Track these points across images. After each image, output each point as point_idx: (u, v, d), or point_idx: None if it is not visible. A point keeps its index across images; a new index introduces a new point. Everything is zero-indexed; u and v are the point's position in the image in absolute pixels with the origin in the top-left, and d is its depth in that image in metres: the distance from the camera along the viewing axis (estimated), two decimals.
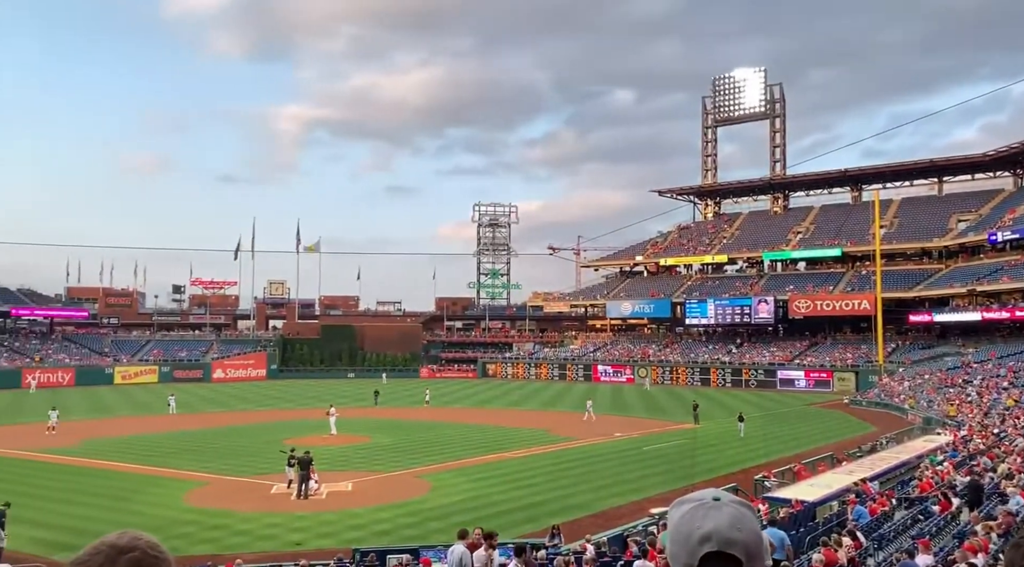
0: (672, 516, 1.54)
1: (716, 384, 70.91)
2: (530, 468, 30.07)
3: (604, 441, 37.16)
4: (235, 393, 64.90)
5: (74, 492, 25.43)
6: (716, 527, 1.44)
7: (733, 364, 73.16)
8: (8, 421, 44.27)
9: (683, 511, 1.52)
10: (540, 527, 20.35)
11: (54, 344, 79.10)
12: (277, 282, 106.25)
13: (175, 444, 36.03)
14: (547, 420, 45.14)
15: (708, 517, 1.46)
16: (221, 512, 22.80)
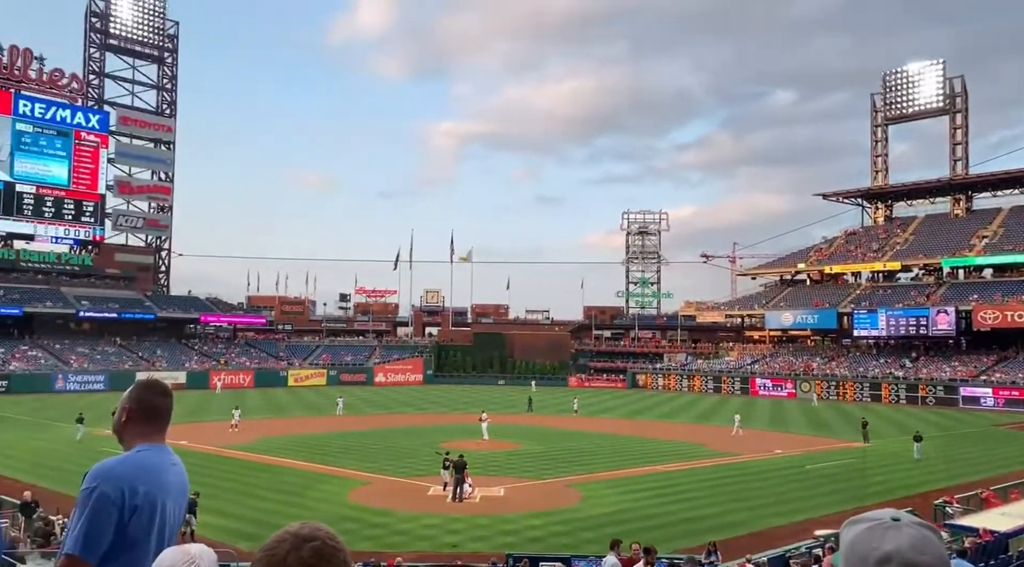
0: (846, 536, 1.40)
1: (888, 400, 65.86)
2: (684, 482, 29.24)
3: (764, 457, 35.49)
4: (395, 397, 67.99)
5: (253, 486, 27.54)
6: (897, 548, 1.33)
7: (908, 379, 67.65)
8: (198, 419, 48.69)
9: (858, 531, 1.38)
10: (696, 543, 19.69)
11: (237, 348, 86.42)
12: (433, 290, 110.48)
13: (341, 444, 38.21)
14: (702, 434, 43.76)
15: (887, 538, 1.35)
16: (382, 511, 23.87)
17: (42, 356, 70.50)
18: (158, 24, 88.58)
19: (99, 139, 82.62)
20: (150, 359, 75.95)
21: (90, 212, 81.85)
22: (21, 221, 77.50)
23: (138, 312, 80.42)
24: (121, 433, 2.99)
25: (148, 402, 3.02)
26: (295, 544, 1.45)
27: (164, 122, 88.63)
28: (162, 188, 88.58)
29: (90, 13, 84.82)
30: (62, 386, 65.58)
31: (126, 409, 2.98)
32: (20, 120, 76.89)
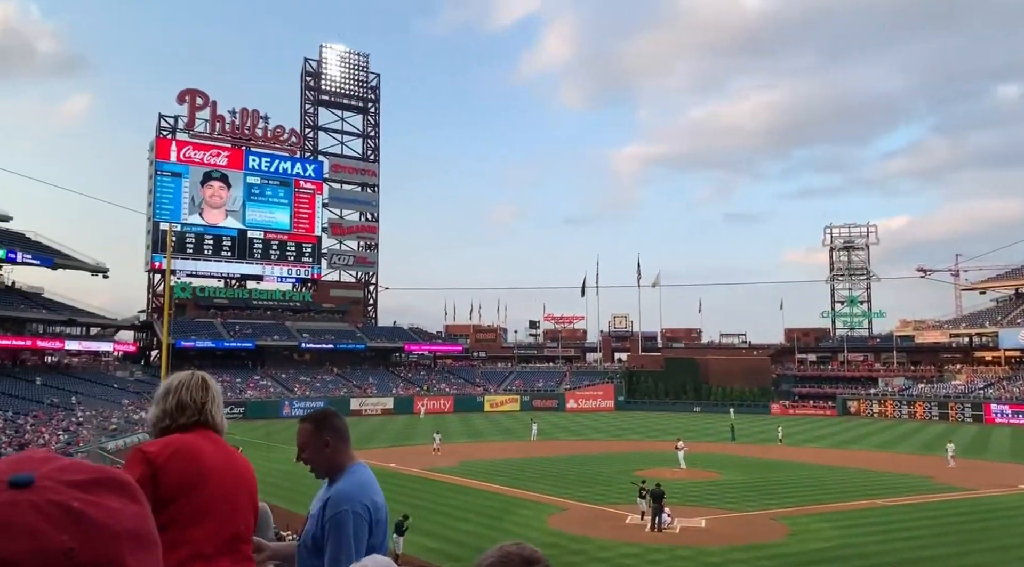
0: None
1: None
2: (908, 518, 26.51)
3: (1007, 493, 31.35)
4: (587, 422, 68.01)
5: (456, 508, 28.62)
6: None
7: None
8: (404, 443, 51.66)
9: None
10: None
11: (437, 375, 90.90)
12: (620, 315, 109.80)
13: (538, 469, 38.75)
14: (928, 465, 39.57)
15: None
16: (580, 538, 23.82)
17: (271, 385, 78.33)
18: (362, 78, 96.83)
19: (315, 186, 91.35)
20: (362, 386, 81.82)
21: (308, 253, 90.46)
22: (252, 264, 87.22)
23: (351, 343, 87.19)
24: (332, 463, 3.29)
25: (341, 427, 3.37)
26: (520, 565, 1.46)
27: (369, 167, 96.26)
28: (369, 228, 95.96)
29: (305, 73, 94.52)
30: (288, 412, 72.27)
31: (328, 441, 3.28)
32: (250, 174, 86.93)
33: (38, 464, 0.81)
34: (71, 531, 0.72)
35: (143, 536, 0.79)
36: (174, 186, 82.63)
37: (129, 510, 0.79)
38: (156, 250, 79.35)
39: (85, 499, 0.76)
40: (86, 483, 0.79)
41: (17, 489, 0.75)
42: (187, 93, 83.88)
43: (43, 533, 0.72)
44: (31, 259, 64.90)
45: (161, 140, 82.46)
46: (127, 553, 0.74)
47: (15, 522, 0.72)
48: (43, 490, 0.76)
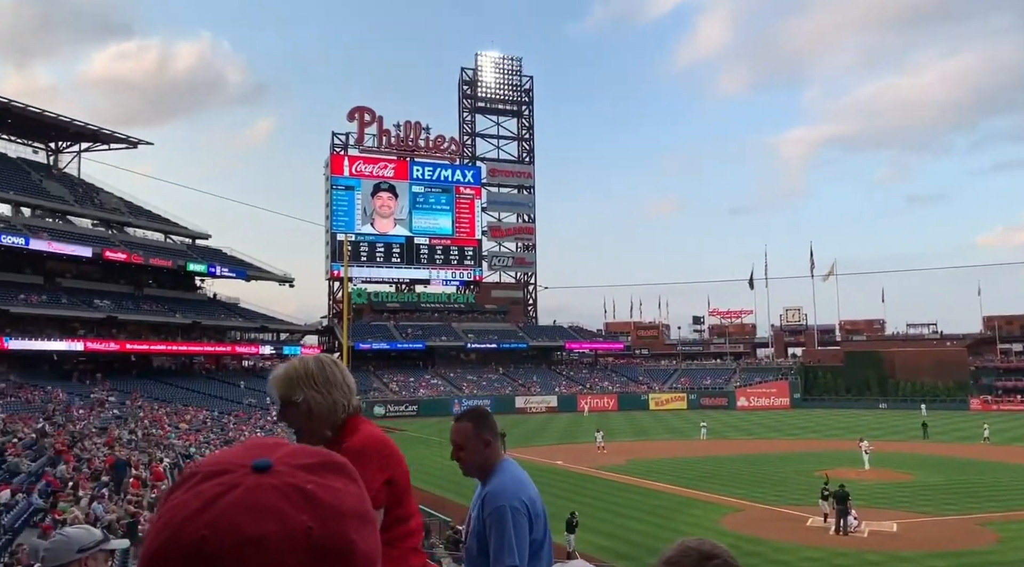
0: None
1: None
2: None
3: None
4: (760, 421, 65.17)
5: (625, 507, 28.38)
6: None
7: None
8: (569, 440, 51.98)
9: None
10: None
11: (599, 373, 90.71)
12: (793, 308, 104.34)
13: (708, 468, 37.63)
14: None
15: None
16: (755, 539, 22.84)
17: (441, 383, 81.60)
18: (516, 82, 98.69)
19: (474, 191, 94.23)
20: (526, 384, 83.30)
21: (470, 256, 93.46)
22: (420, 268, 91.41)
23: (513, 342, 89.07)
24: (488, 461, 3.30)
25: (495, 425, 3.37)
26: (697, 560, 1.44)
27: (524, 169, 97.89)
28: (526, 228, 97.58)
29: (462, 82, 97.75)
30: (458, 410, 74.71)
31: (488, 440, 3.30)
32: (415, 183, 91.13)
33: (271, 449, 0.87)
34: (308, 511, 0.78)
35: (364, 514, 0.84)
36: (348, 199, 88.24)
37: (351, 490, 0.85)
38: (334, 259, 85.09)
39: (316, 481, 0.82)
40: (314, 466, 0.85)
41: (259, 473, 0.81)
42: (356, 110, 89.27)
43: (286, 513, 0.77)
44: (228, 272, 71.72)
45: (335, 156, 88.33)
46: (353, 530, 0.80)
47: (262, 503, 0.78)
48: (281, 474, 0.82)
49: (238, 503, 0.78)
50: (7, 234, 53.12)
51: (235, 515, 0.76)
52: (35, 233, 55.76)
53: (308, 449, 0.89)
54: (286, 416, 2.64)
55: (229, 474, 0.81)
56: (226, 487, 0.79)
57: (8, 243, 52.76)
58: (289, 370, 2.63)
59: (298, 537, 0.76)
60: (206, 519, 0.77)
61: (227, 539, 0.75)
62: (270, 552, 0.75)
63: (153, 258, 64.12)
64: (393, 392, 77.79)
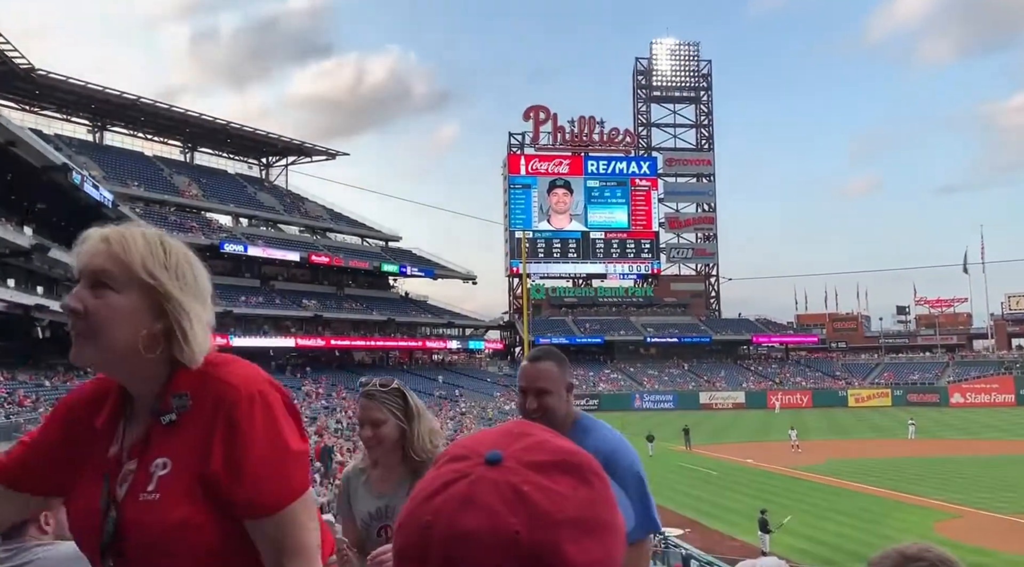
0: None
1: None
2: None
3: None
4: (978, 419, 58.77)
5: (825, 509, 26.68)
6: None
7: None
8: (760, 438, 49.74)
9: None
10: None
11: (790, 367, 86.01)
12: (1017, 295, 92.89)
13: (919, 470, 34.51)
14: None
15: None
16: (978, 549, 20.60)
17: (621, 378, 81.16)
18: (693, 67, 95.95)
19: (650, 183, 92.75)
20: (710, 379, 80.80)
21: (647, 249, 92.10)
22: (596, 263, 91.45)
23: (695, 336, 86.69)
24: (573, 412, 2.89)
25: None
26: (898, 562, 1.39)
27: (703, 157, 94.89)
28: (706, 219, 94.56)
29: (636, 72, 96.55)
30: (639, 405, 74.21)
31: (572, 385, 2.88)
32: (589, 178, 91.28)
33: (514, 440, 0.81)
34: (520, 514, 0.73)
35: (587, 522, 0.76)
36: (525, 197, 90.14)
37: (578, 495, 0.77)
38: (513, 256, 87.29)
39: (537, 482, 0.76)
40: (546, 465, 0.78)
41: (489, 465, 0.77)
42: (531, 110, 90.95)
43: (498, 513, 0.73)
44: (417, 272, 75.92)
45: (512, 156, 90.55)
46: (566, 540, 0.73)
47: (478, 499, 0.74)
48: (507, 470, 0.77)
49: (460, 494, 0.75)
50: (230, 242, 59.61)
51: (454, 506, 0.74)
52: (252, 241, 62.17)
53: (550, 444, 0.82)
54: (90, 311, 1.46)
55: (466, 461, 0.79)
56: (458, 475, 0.77)
57: (231, 250, 59.20)
58: None
59: (504, 540, 0.72)
60: (435, 505, 0.76)
61: (444, 529, 0.73)
62: (476, 550, 0.72)
63: (352, 260, 69.40)
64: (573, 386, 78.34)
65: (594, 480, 0.80)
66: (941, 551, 1.40)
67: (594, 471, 0.81)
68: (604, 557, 0.77)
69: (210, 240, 57.81)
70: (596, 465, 0.82)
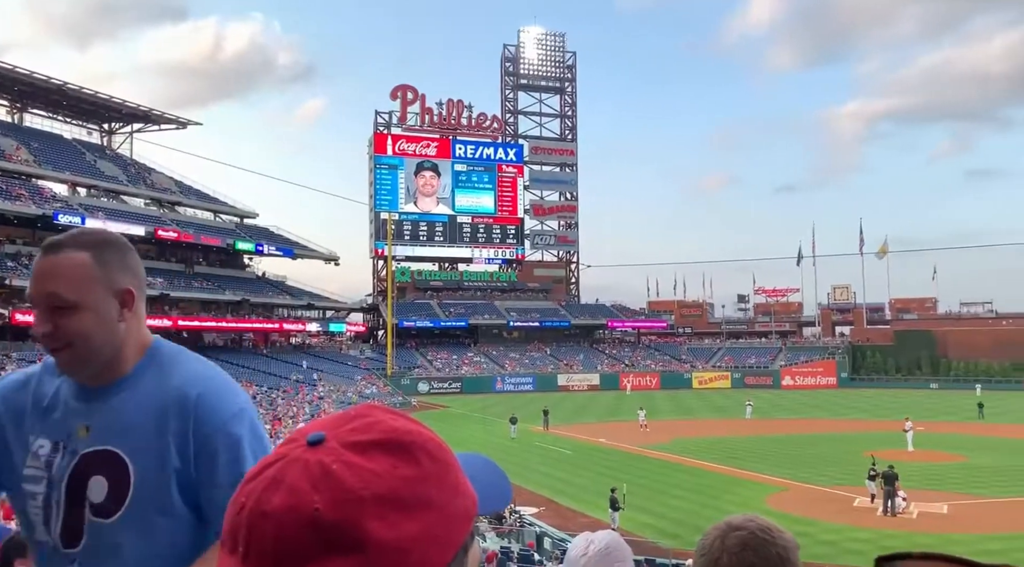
0: None
1: None
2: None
3: None
4: (806, 400, 64.29)
5: (670, 485, 28.38)
6: None
7: None
8: (611, 418, 52.03)
9: None
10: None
11: (641, 351, 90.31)
12: (841, 286, 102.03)
13: (754, 447, 37.35)
14: None
15: None
16: (803, 519, 22.64)
17: (484, 361, 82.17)
18: (558, 58, 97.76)
19: (516, 169, 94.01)
20: (568, 362, 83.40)
21: (512, 234, 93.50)
22: (462, 247, 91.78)
23: (555, 320, 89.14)
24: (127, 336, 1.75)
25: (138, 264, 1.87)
26: (724, 532, 1.48)
27: (567, 147, 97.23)
28: (569, 207, 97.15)
29: (504, 59, 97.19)
30: (500, 387, 75.50)
31: (128, 292, 1.75)
32: (457, 161, 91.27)
33: (345, 422, 0.81)
34: (323, 492, 0.73)
35: (403, 499, 0.75)
36: (391, 178, 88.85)
37: (396, 473, 0.77)
38: (378, 238, 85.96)
39: (350, 461, 0.76)
40: (367, 444, 0.78)
41: (310, 447, 0.78)
42: (399, 89, 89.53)
43: (301, 491, 0.73)
44: (275, 251, 73.02)
45: (378, 135, 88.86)
46: (371, 516, 0.73)
47: (285, 479, 0.75)
48: (324, 450, 0.77)
49: (271, 476, 0.76)
50: (65, 213, 54.78)
51: (263, 487, 0.75)
52: (91, 212, 57.44)
53: (381, 424, 0.81)
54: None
55: (291, 444, 0.80)
56: (278, 457, 0.78)
57: (66, 222, 54.42)
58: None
59: (304, 517, 0.72)
60: (249, 487, 0.77)
61: (251, 509, 0.74)
62: (276, 528, 0.72)
63: (203, 236, 65.60)
64: (437, 369, 78.60)
65: (424, 459, 0.79)
66: (764, 521, 1.53)
67: (427, 451, 0.81)
68: (420, 534, 0.76)
69: (42, 210, 52.94)
70: (434, 445, 0.82)
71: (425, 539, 0.76)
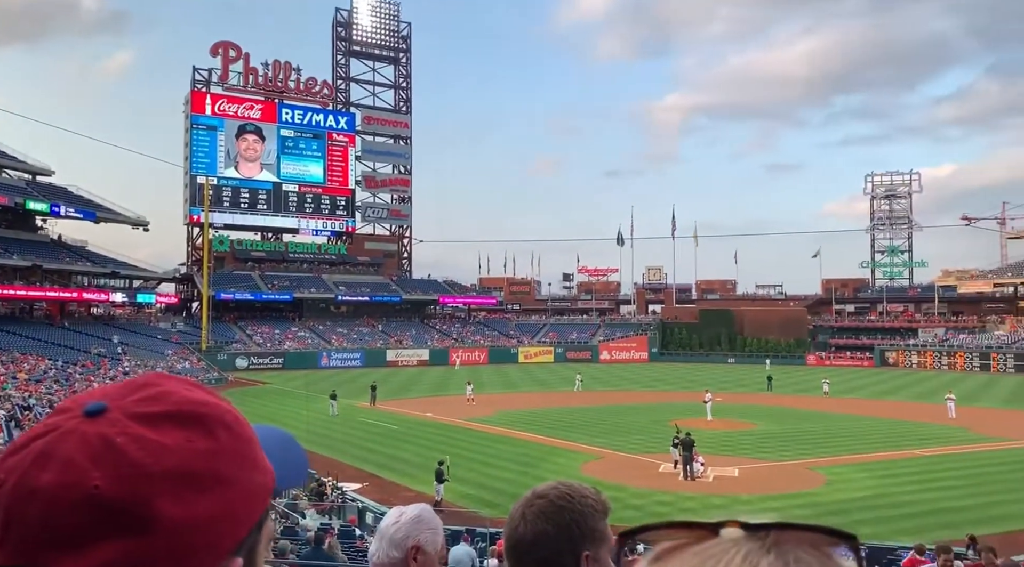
0: None
1: None
2: (943, 468, 26.39)
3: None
4: (621, 374, 68.34)
5: (493, 456, 29.14)
6: None
7: None
8: (441, 393, 52.50)
9: None
10: (957, 535, 17.70)
11: (472, 327, 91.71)
12: (655, 268, 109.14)
13: (572, 418, 39.20)
14: (966, 416, 39.13)
15: None
16: (614, 486, 24.10)
17: (309, 336, 79.80)
18: (393, 27, 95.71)
19: (347, 139, 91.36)
20: (398, 338, 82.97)
21: (343, 206, 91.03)
22: (288, 217, 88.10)
23: (386, 295, 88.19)
24: None
25: None
26: (528, 501, 1.57)
27: (401, 119, 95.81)
28: (402, 180, 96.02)
29: (336, 23, 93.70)
30: (326, 363, 73.75)
31: None
32: (283, 126, 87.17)
33: (131, 391, 0.75)
34: (104, 467, 0.66)
35: (197, 475, 0.70)
36: (210, 140, 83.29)
37: (191, 446, 0.71)
38: (194, 204, 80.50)
39: (137, 433, 0.69)
40: (157, 416, 0.72)
41: (88, 418, 0.71)
42: (220, 45, 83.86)
43: (76, 466, 0.66)
44: (74, 213, 66.30)
45: (196, 93, 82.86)
46: (161, 494, 0.67)
47: (56, 453, 0.68)
48: (106, 421, 0.70)
49: (39, 449, 0.68)
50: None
51: (29, 462, 0.67)
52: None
53: (175, 396, 0.75)
54: None
55: (65, 414, 0.72)
56: (48, 429, 0.70)
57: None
58: None
59: (80, 495, 0.65)
60: (10, 462, 0.69)
61: (15, 485, 0.67)
62: (45, 507, 0.65)
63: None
64: (257, 344, 75.30)
65: (221, 433, 0.74)
66: (568, 487, 1.61)
67: (225, 424, 0.75)
68: (219, 513, 0.71)
69: None
70: (232, 418, 0.77)
71: (220, 517, 0.71)
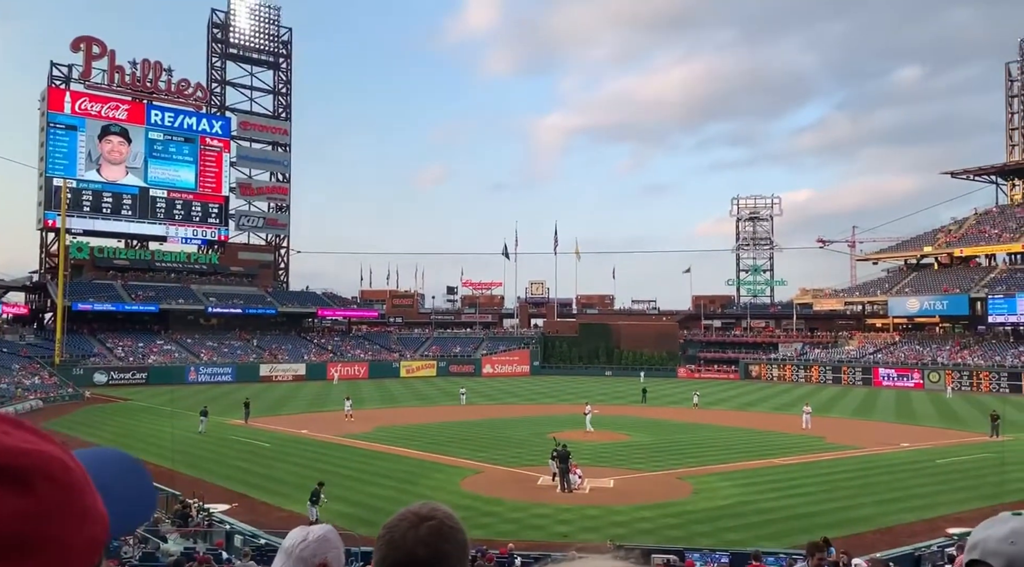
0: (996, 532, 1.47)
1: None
2: (802, 476, 28.14)
3: (889, 451, 33.66)
4: (503, 387, 68.80)
5: (370, 473, 28.54)
6: (987, 536, 1.41)
7: None
8: (317, 409, 50.98)
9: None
10: (814, 539, 18.90)
11: (352, 341, 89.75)
12: (537, 282, 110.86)
13: (453, 433, 39.02)
14: (820, 426, 41.97)
15: (988, 528, 1.43)
16: (493, 500, 24.20)
17: (176, 350, 75.58)
18: (273, 31, 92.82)
19: (222, 144, 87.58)
20: (273, 352, 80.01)
21: (215, 213, 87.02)
22: (155, 224, 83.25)
23: (260, 307, 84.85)
24: None
25: None
26: (413, 523, 1.50)
27: (280, 125, 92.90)
28: (280, 189, 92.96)
29: (212, 25, 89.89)
30: (194, 378, 70.05)
31: None
32: (152, 129, 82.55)
33: None
34: None
35: (7, 542, 0.60)
36: (69, 140, 77.70)
37: (5, 509, 0.62)
38: (49, 207, 74.74)
39: None
40: None
41: None
42: (82, 40, 78.59)
43: None
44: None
45: (54, 90, 77.19)
46: None
47: None
48: None
49: None
50: None
51: None
52: None
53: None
54: None
55: None
56: None
57: None
58: None
59: None
60: None
61: None
62: None
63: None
64: (118, 358, 70.57)
65: (42, 486, 0.64)
66: (443, 508, 1.56)
67: (48, 474, 0.65)
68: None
69: None
70: (57, 466, 0.67)
71: None
